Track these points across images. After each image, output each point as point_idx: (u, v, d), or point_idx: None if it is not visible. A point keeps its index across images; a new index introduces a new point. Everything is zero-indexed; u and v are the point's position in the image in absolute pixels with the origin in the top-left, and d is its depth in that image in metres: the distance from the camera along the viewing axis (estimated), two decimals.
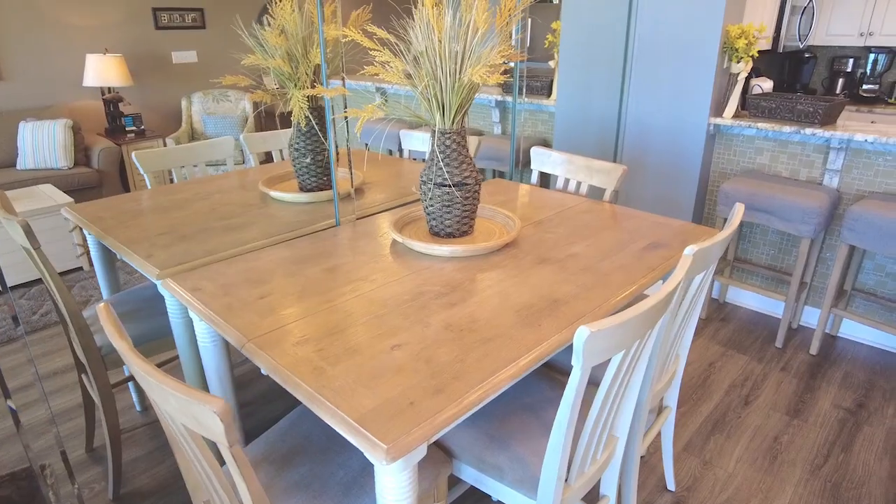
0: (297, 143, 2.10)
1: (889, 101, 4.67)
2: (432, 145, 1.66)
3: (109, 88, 5.10)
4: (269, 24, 2.03)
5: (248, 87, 2.15)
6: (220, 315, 1.34)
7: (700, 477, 2.09)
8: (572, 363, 1.04)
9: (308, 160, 2.10)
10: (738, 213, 1.60)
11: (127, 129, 5.02)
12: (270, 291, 1.45)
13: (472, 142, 2.55)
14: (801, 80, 5.00)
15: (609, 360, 1.11)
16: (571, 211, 2.03)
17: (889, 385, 2.60)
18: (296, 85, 2.02)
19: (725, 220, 2.95)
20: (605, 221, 1.93)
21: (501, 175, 3.84)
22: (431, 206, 1.69)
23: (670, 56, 2.95)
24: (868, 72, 4.75)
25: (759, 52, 4.09)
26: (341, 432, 0.98)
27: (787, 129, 2.75)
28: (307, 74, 2.02)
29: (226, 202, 2.18)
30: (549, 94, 3.66)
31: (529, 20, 6.30)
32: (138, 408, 2.45)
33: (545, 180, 3.64)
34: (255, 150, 2.74)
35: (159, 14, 5.34)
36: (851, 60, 4.80)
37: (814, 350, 2.83)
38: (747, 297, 3.26)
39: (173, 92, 5.55)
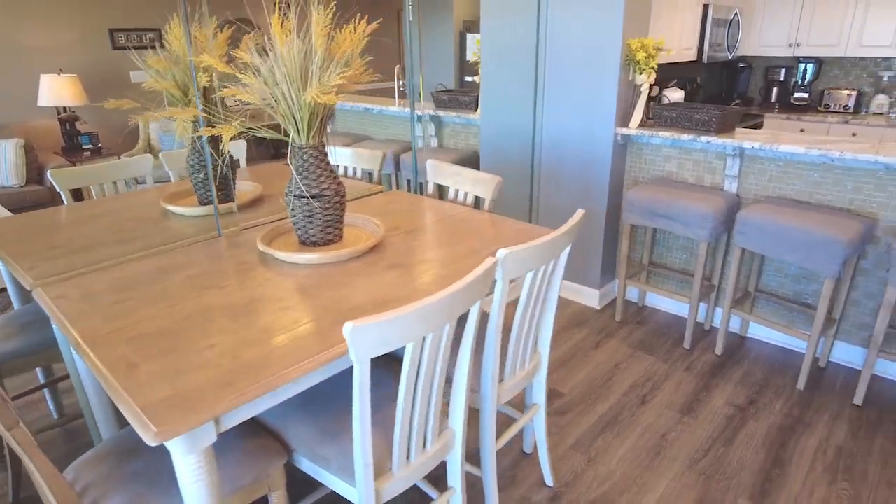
0: (192, 160, 2.20)
1: (819, 108, 4.81)
2: (293, 159, 1.76)
3: (66, 108, 5.22)
4: (165, 48, 2.15)
5: (133, 109, 2.26)
6: (68, 320, 1.43)
7: (581, 473, 2.18)
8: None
9: (202, 175, 2.20)
10: (576, 217, 1.70)
11: (84, 147, 5.12)
12: (127, 298, 1.55)
13: (378, 155, 2.66)
14: (737, 89, 5.14)
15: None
16: (449, 220, 2.13)
17: (783, 382, 2.70)
18: (184, 106, 2.12)
19: (633, 226, 3.06)
20: (473, 229, 2.03)
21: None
22: (294, 216, 1.79)
23: (577, 70, 3.08)
24: (799, 81, 4.90)
25: (687, 62, 4.23)
26: (126, 417, 1.07)
27: (685, 137, 2.87)
28: (194, 96, 2.13)
29: (129, 217, 2.28)
30: (475, 109, 3.78)
31: (468, 35, 6.45)
32: (55, 415, 2.54)
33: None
34: (172, 166, 2.84)
35: (116, 35, 5.47)
36: (783, 70, 4.95)
37: (719, 350, 2.92)
38: (663, 301, 3.36)
39: (132, 111, 5.66)
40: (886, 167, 2.49)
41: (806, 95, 4.83)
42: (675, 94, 3.32)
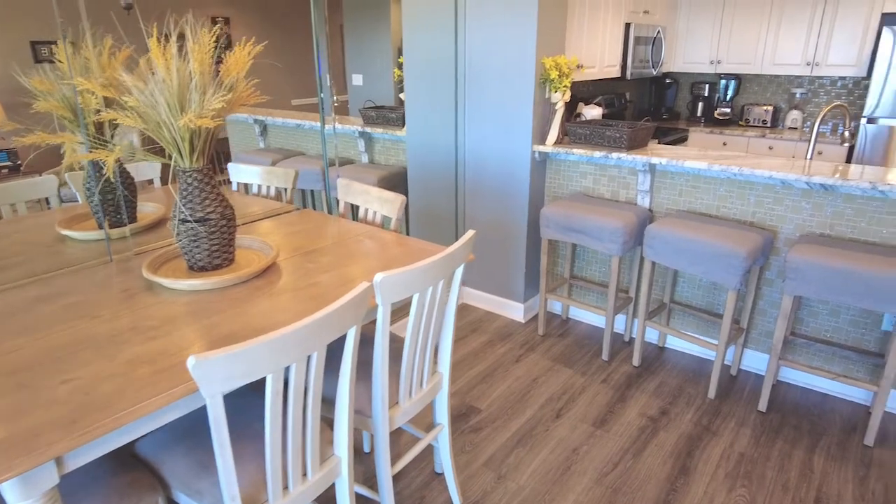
0: (88, 183, 2.13)
1: (740, 123, 5.01)
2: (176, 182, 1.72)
3: None
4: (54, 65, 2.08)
5: (13, 131, 2.18)
6: None
7: (490, 491, 2.18)
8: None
9: (97, 199, 2.13)
10: (465, 237, 1.71)
11: (0, 164, 4.92)
12: None
13: (290, 174, 2.63)
14: (665, 104, 5.31)
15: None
16: (353, 240, 2.12)
17: (696, 391, 2.77)
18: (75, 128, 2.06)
19: (552, 241, 3.10)
20: (375, 250, 2.02)
21: None
22: (180, 241, 1.75)
23: (495, 87, 3.12)
24: (721, 96, 5.09)
25: (615, 78, 4.34)
26: None
27: (597, 154, 2.94)
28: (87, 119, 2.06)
29: (19, 242, 2.18)
30: (403, 125, 3.79)
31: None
32: None
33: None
34: (80, 187, 2.75)
35: (39, 47, 5.28)
36: (707, 86, 5.13)
37: (636, 362, 2.98)
38: (584, 313, 3.42)
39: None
40: (782, 182, 2.60)
41: (728, 110, 5.02)
42: (592, 112, 3.40)
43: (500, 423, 2.55)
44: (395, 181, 3.84)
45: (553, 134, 3.09)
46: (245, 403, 1.64)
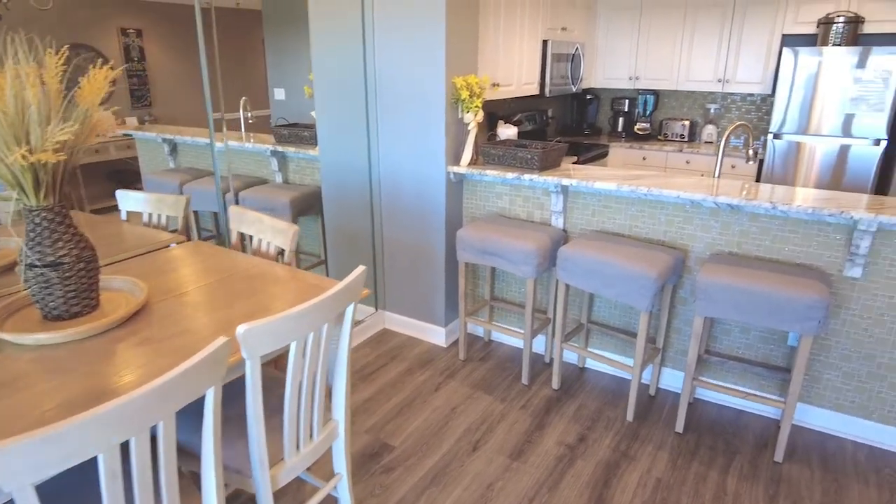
0: None
1: (659, 137, 5.12)
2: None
3: None
4: None
5: None
6: None
7: None
8: None
9: None
10: (353, 274, 1.59)
11: None
12: None
13: (181, 201, 2.44)
14: (587, 119, 5.37)
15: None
16: (240, 276, 1.96)
17: (614, 414, 2.73)
18: None
19: (467, 264, 3.02)
20: (262, 287, 1.87)
21: None
22: (29, 288, 1.54)
23: (407, 107, 3.02)
24: (641, 112, 5.19)
25: (533, 96, 4.33)
26: None
27: (510, 175, 2.88)
28: None
29: None
30: (316, 143, 3.64)
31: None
32: None
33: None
34: None
35: None
36: (627, 101, 5.22)
37: (555, 385, 2.93)
38: (506, 335, 3.35)
39: None
40: (691, 202, 2.61)
41: (647, 125, 5.12)
42: (507, 131, 3.35)
43: (414, 460, 2.42)
44: (310, 201, 3.68)
45: (467, 154, 3.02)
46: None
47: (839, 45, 4.09)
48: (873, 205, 2.30)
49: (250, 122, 4.44)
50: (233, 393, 1.74)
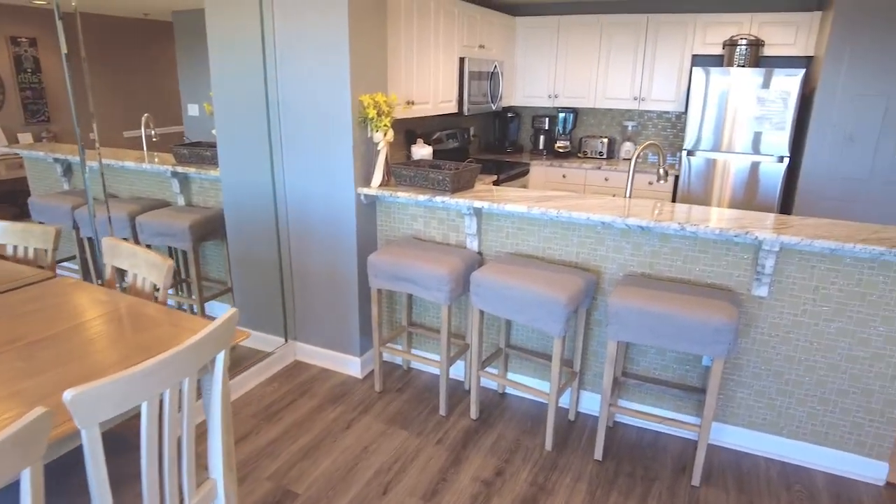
0: None
1: (579, 155, 5.15)
2: None
3: None
4: None
5: None
6: None
7: None
8: None
9: None
10: (221, 319, 1.41)
11: None
12: None
13: (49, 232, 2.18)
14: (509, 137, 5.35)
15: None
16: (103, 319, 1.73)
17: (533, 443, 2.63)
18: None
19: (380, 290, 2.87)
20: (126, 333, 1.65)
21: (184, 254, 3.49)
22: None
23: (312, 127, 2.86)
24: (560, 129, 5.21)
25: (451, 114, 4.25)
26: None
27: (421, 197, 2.76)
28: None
29: None
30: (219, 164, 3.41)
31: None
32: None
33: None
34: None
35: None
36: (547, 119, 5.24)
37: (474, 414, 2.80)
38: (425, 364, 3.21)
39: None
40: (602, 223, 2.56)
41: (567, 143, 5.14)
42: (422, 151, 3.24)
43: None
44: (214, 225, 3.43)
45: (377, 176, 2.88)
46: None
47: (743, 66, 4.23)
48: (777, 225, 2.31)
49: (154, 140, 4.14)
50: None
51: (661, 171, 2.87)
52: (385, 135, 2.82)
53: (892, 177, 3.84)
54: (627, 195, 2.87)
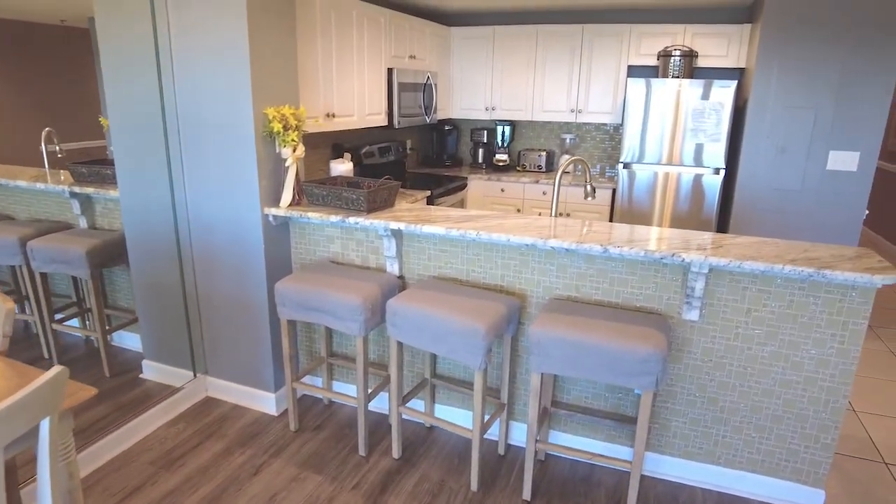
0: None
1: (517, 168, 5.03)
2: None
3: None
4: None
5: None
6: None
7: None
8: None
9: None
10: (49, 375, 1.16)
11: None
12: None
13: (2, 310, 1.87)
14: (448, 150, 5.18)
15: None
16: None
17: (458, 483, 2.43)
18: None
19: (290, 321, 2.62)
20: None
21: (75, 282, 3.17)
22: None
23: (213, 140, 2.61)
24: (499, 142, 5.08)
25: (382, 127, 4.05)
26: None
27: (333, 217, 2.54)
28: None
29: None
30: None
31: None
32: None
33: None
34: None
35: None
36: (486, 132, 5.10)
37: (396, 453, 2.58)
38: (347, 398, 2.97)
39: None
40: (527, 245, 2.39)
41: (506, 156, 5.01)
42: (341, 167, 3.03)
43: None
44: (118, 249, 3.13)
45: (287, 195, 2.65)
46: None
47: (678, 76, 4.18)
48: (707, 245, 2.19)
49: (60, 156, 3.79)
50: None
51: (589, 187, 2.73)
52: (294, 150, 2.59)
53: (822, 187, 3.82)
54: (553, 214, 2.72)
